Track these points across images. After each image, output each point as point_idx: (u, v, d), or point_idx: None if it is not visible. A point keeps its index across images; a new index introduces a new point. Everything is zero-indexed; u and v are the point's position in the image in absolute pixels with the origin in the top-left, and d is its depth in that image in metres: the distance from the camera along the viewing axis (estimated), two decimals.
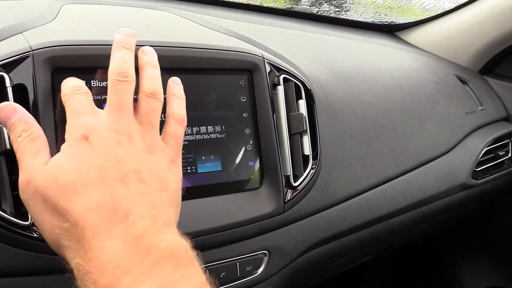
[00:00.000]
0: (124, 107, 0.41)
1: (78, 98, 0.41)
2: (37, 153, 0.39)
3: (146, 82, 0.44)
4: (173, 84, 0.48)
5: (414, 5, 1.25)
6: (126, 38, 0.45)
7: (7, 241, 0.44)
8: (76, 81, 0.43)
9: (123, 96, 0.41)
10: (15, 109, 0.40)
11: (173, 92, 0.47)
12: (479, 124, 1.01)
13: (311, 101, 0.66)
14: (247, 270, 0.59)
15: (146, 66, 0.45)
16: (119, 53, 0.43)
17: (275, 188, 0.60)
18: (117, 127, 0.40)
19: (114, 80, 0.41)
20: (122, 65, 0.42)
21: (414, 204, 0.82)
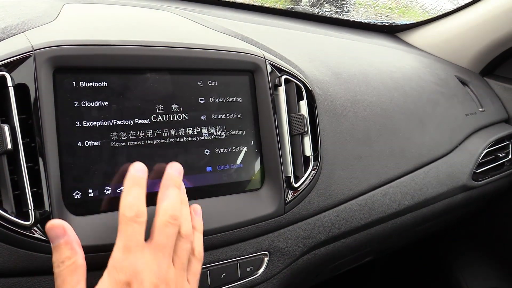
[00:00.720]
0: (168, 251, 0.44)
1: (134, 229, 0.42)
2: (76, 285, 0.41)
3: (183, 222, 0.47)
4: (194, 214, 0.51)
5: (415, 6, 1.25)
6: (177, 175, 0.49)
7: (8, 241, 0.44)
8: (139, 200, 0.44)
9: (169, 239, 0.44)
10: (65, 231, 0.42)
11: (194, 223, 0.50)
12: (480, 125, 1.01)
13: (312, 102, 0.66)
14: (248, 271, 0.59)
15: (184, 204, 0.48)
16: (172, 192, 0.47)
17: (276, 189, 0.60)
18: (159, 273, 0.43)
19: (166, 222, 0.44)
20: (174, 208, 0.45)
21: (415, 205, 0.82)
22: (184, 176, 0.54)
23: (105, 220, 0.48)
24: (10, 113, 0.44)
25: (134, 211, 0.43)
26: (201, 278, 0.55)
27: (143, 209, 0.43)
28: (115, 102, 0.50)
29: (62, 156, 0.47)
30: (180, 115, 0.54)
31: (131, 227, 0.42)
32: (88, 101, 0.48)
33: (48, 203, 0.45)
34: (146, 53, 0.52)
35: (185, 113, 0.55)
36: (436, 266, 1.30)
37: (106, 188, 0.49)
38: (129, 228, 0.42)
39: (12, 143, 0.43)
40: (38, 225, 0.44)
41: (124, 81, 0.51)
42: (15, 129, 0.44)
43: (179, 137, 0.54)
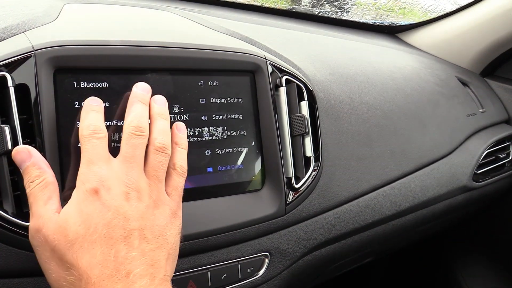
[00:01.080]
0: (136, 161, 0.43)
1: (94, 144, 0.42)
2: (48, 200, 0.41)
3: (157, 135, 0.46)
4: (177, 131, 0.49)
5: (415, 7, 1.25)
6: (143, 92, 0.47)
7: (8, 242, 0.44)
8: (95, 119, 0.43)
9: (137, 149, 0.43)
10: (30, 153, 0.42)
11: (175, 139, 0.49)
12: (480, 126, 1.01)
13: (313, 102, 0.66)
14: (249, 272, 0.59)
15: (157, 117, 0.47)
16: (136, 107, 0.46)
17: (277, 189, 0.60)
18: (128, 181, 0.42)
19: (130, 133, 0.43)
20: (138, 119, 0.44)
21: (415, 206, 0.82)
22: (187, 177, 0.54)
23: None
24: (11, 114, 0.44)
25: (91, 129, 0.42)
26: (201, 280, 0.55)
27: (101, 127, 0.43)
28: (115, 102, 0.50)
29: (62, 156, 0.46)
30: (181, 116, 0.54)
31: (90, 143, 0.42)
32: None
33: None
34: (147, 54, 0.52)
35: (186, 113, 0.54)
36: (436, 266, 1.30)
37: None
38: (89, 144, 0.42)
39: (13, 144, 0.43)
40: None
41: (125, 82, 0.51)
42: (16, 129, 0.44)
43: None
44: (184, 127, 0.50)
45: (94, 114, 0.44)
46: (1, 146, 0.43)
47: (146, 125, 0.45)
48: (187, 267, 0.54)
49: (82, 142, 0.42)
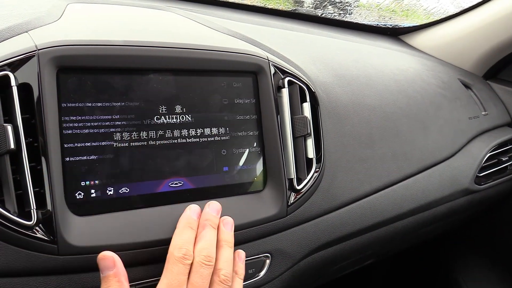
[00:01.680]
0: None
1: (180, 269, 0.45)
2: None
3: (222, 265, 0.48)
4: (238, 259, 0.52)
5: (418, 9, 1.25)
6: (214, 214, 0.50)
7: (10, 241, 0.44)
8: (189, 242, 0.46)
9: (204, 280, 0.46)
10: (115, 264, 0.44)
11: (236, 269, 0.52)
12: (483, 129, 1.00)
13: (316, 104, 0.66)
14: (249, 273, 0.59)
15: (224, 245, 0.50)
16: (208, 233, 0.48)
17: (278, 191, 0.59)
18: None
19: (201, 262, 0.46)
20: (209, 249, 0.47)
21: (417, 208, 0.82)
22: (186, 177, 0.54)
23: (107, 221, 0.48)
24: (13, 113, 0.44)
25: (182, 252, 0.45)
26: None
27: (190, 252, 0.46)
28: (118, 102, 0.50)
29: (64, 156, 0.46)
30: (183, 116, 0.54)
31: (177, 266, 0.45)
32: (91, 101, 0.48)
33: (50, 203, 0.45)
34: (149, 54, 0.52)
35: (188, 114, 0.54)
36: (437, 269, 1.30)
37: (109, 189, 0.49)
38: (175, 268, 0.45)
39: (15, 143, 0.43)
40: (40, 225, 0.44)
41: (127, 82, 0.51)
42: (18, 128, 0.44)
43: (182, 138, 0.54)
44: (244, 255, 0.53)
45: (189, 234, 0.47)
46: (4, 145, 0.43)
47: (214, 255, 0.48)
48: None
49: (170, 261, 0.45)
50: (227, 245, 0.50)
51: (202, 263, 0.46)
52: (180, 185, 0.53)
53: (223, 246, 0.50)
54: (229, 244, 0.50)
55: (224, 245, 0.50)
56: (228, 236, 0.51)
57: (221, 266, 0.48)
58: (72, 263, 0.46)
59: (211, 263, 0.47)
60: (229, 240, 0.51)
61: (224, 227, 0.51)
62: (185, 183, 0.54)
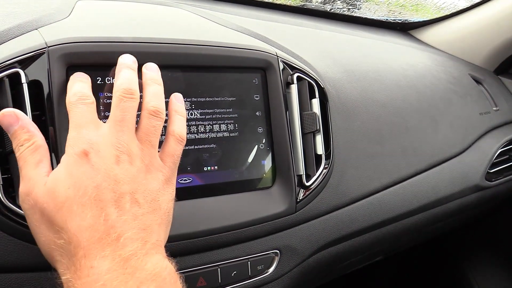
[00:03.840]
0: (126, 124, 0.41)
1: (82, 109, 0.41)
2: (38, 163, 0.40)
3: (150, 99, 0.44)
4: (175, 100, 0.48)
5: (428, 4, 1.24)
6: (130, 60, 0.46)
7: (21, 237, 0.44)
8: (82, 87, 0.43)
9: (127, 113, 0.42)
10: (18, 117, 0.41)
11: (175, 108, 0.47)
12: (494, 125, 0.99)
13: (325, 100, 0.66)
14: (258, 269, 0.59)
15: (150, 82, 0.46)
16: (125, 71, 0.44)
17: (287, 187, 0.59)
18: (118, 144, 0.40)
19: (120, 96, 0.42)
20: (128, 83, 0.43)
21: (427, 205, 0.81)
22: (195, 174, 0.54)
23: None
24: (24, 110, 0.44)
25: (78, 95, 0.42)
26: (212, 276, 0.55)
27: (88, 94, 0.42)
28: None
29: None
30: (192, 112, 0.54)
31: (78, 108, 0.41)
32: (100, 98, 0.49)
33: None
34: (158, 50, 0.52)
35: (197, 110, 0.54)
36: (447, 266, 1.29)
37: None
38: (77, 109, 0.41)
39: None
40: None
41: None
42: None
43: (191, 134, 0.54)
44: (181, 96, 0.49)
45: (80, 83, 0.43)
46: None
47: (136, 88, 0.43)
48: (198, 263, 0.54)
49: (70, 108, 0.41)
50: (154, 82, 0.46)
51: (121, 96, 0.42)
52: (189, 181, 0.54)
53: (149, 84, 0.45)
54: (157, 82, 0.46)
55: (150, 83, 0.45)
56: (154, 75, 0.46)
57: (148, 99, 0.44)
58: None
59: (133, 95, 0.42)
60: (154, 77, 0.46)
61: (147, 70, 0.47)
62: (194, 180, 0.54)
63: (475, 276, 1.22)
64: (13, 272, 0.45)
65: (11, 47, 0.48)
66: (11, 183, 0.44)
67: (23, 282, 0.46)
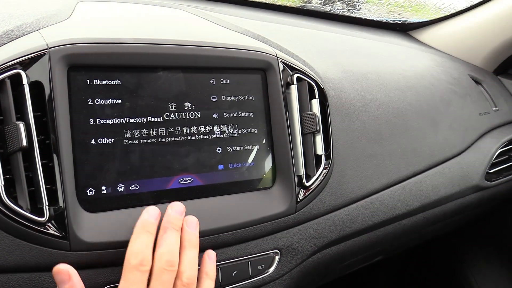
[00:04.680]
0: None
1: (136, 277, 0.43)
2: None
3: (185, 268, 0.46)
4: (208, 260, 0.51)
5: (427, 4, 1.24)
6: (177, 216, 0.48)
7: (23, 237, 0.45)
8: (146, 248, 0.44)
9: (165, 286, 0.44)
10: (70, 277, 0.43)
11: (206, 270, 0.50)
12: (493, 125, 0.99)
13: (324, 100, 0.66)
14: (259, 269, 0.59)
15: (188, 246, 0.47)
16: (169, 236, 0.46)
17: (287, 187, 0.60)
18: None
19: (162, 268, 0.44)
20: (171, 253, 0.45)
21: (426, 205, 0.81)
22: (196, 174, 0.54)
23: (118, 217, 0.49)
24: (25, 111, 0.45)
25: (139, 259, 0.43)
26: None
27: (148, 258, 0.44)
28: (128, 100, 0.50)
29: (76, 153, 0.47)
30: (192, 113, 0.54)
31: (133, 275, 0.43)
32: (101, 99, 0.49)
33: (62, 199, 0.45)
34: (159, 51, 0.52)
35: (198, 111, 0.55)
36: (447, 265, 1.29)
37: (119, 186, 0.49)
38: (131, 276, 0.43)
39: (27, 140, 0.44)
40: (52, 221, 0.45)
41: (137, 79, 0.51)
42: (30, 126, 0.44)
43: (191, 135, 0.54)
44: (215, 256, 0.51)
45: (147, 238, 0.45)
46: (16, 142, 0.43)
47: (177, 259, 0.45)
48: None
49: (126, 269, 0.43)
50: (190, 246, 0.47)
51: (163, 269, 0.44)
52: (190, 181, 0.54)
53: (186, 247, 0.47)
54: (193, 245, 0.48)
55: (187, 246, 0.47)
56: (191, 236, 0.48)
57: (183, 269, 0.46)
58: (83, 259, 0.46)
59: (173, 267, 0.44)
60: (192, 240, 0.48)
61: (187, 227, 0.48)
62: (194, 180, 0.54)
63: (475, 276, 1.23)
64: (15, 272, 0.45)
65: (12, 48, 0.48)
66: (13, 184, 0.44)
67: (25, 282, 0.46)
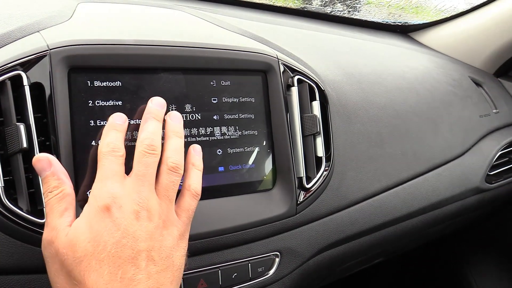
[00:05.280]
0: (148, 179, 0.43)
1: (111, 161, 0.42)
2: (63, 212, 0.41)
3: (170, 154, 0.45)
4: (194, 152, 0.49)
5: (428, 6, 1.24)
6: (158, 108, 0.47)
7: (23, 238, 0.45)
8: (115, 138, 0.44)
9: (148, 168, 0.43)
10: (50, 163, 0.42)
11: (193, 161, 0.49)
12: (494, 127, 0.99)
13: (325, 102, 0.66)
14: (259, 271, 0.59)
15: (171, 135, 0.47)
16: (150, 124, 0.45)
17: (288, 189, 0.60)
18: (140, 200, 0.41)
19: (142, 151, 0.43)
20: (151, 138, 0.44)
21: (427, 207, 0.81)
22: None
23: None
24: (26, 112, 0.44)
25: (110, 147, 0.43)
26: (212, 278, 0.55)
27: (120, 146, 0.43)
28: (129, 101, 0.50)
29: (76, 154, 0.47)
30: (193, 115, 0.54)
31: (107, 159, 0.42)
32: (102, 100, 0.49)
33: None
34: (160, 53, 0.52)
35: (198, 113, 0.55)
36: (447, 268, 1.29)
37: None
38: (105, 161, 0.42)
39: (28, 142, 0.44)
40: None
41: (138, 81, 0.51)
42: (31, 127, 0.44)
43: (192, 136, 0.54)
44: (200, 148, 0.50)
45: (115, 133, 0.44)
46: (17, 144, 0.43)
47: (158, 144, 0.44)
48: (198, 265, 0.55)
49: (100, 158, 0.43)
50: (175, 135, 0.46)
51: (144, 152, 0.43)
52: None
53: (170, 137, 0.46)
54: (178, 134, 0.47)
55: (172, 135, 0.46)
56: (175, 127, 0.47)
57: (168, 154, 0.45)
58: None
59: (155, 151, 0.43)
60: (176, 129, 0.47)
61: (170, 119, 0.47)
62: None
63: (475, 277, 1.22)
64: (14, 274, 0.45)
65: (12, 49, 0.48)
66: (13, 185, 0.44)
67: (24, 284, 0.46)
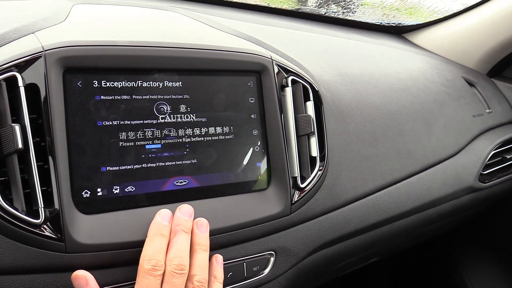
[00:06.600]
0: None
1: (150, 281, 0.44)
2: None
3: (196, 271, 0.47)
4: (216, 264, 0.51)
5: (422, 7, 1.25)
6: (186, 218, 0.48)
7: (19, 239, 0.45)
8: (159, 252, 0.45)
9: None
10: (87, 282, 0.44)
11: (214, 273, 0.51)
12: (487, 127, 1.00)
13: (319, 103, 0.66)
14: (254, 271, 0.59)
15: (199, 249, 0.48)
16: (180, 238, 0.47)
17: (282, 189, 0.60)
18: None
19: (172, 271, 0.45)
20: (180, 256, 0.46)
21: (421, 206, 0.82)
22: (191, 176, 0.54)
23: (113, 219, 0.49)
24: (21, 113, 0.45)
25: (152, 263, 0.44)
26: None
27: (161, 262, 0.45)
28: (123, 102, 0.50)
29: (71, 155, 0.47)
30: (187, 115, 0.55)
31: (146, 279, 0.44)
32: (97, 101, 0.49)
33: (57, 201, 0.45)
34: (154, 54, 0.53)
35: (193, 113, 0.55)
36: (441, 267, 1.30)
37: (115, 188, 0.50)
38: (144, 281, 0.44)
39: (23, 143, 0.44)
40: (48, 223, 0.45)
41: (132, 82, 0.51)
42: (26, 128, 0.44)
43: (187, 137, 0.54)
44: (222, 259, 0.52)
45: (160, 241, 0.46)
46: (12, 145, 0.43)
47: (187, 262, 0.46)
48: None
49: (139, 273, 0.44)
50: (201, 249, 0.48)
51: (173, 272, 0.45)
52: (185, 183, 0.54)
53: (197, 251, 0.48)
54: (203, 248, 0.49)
55: (198, 249, 0.48)
56: (202, 239, 0.49)
57: (195, 272, 0.47)
58: (78, 260, 0.46)
59: (183, 271, 0.45)
60: (203, 243, 0.49)
61: (198, 229, 0.49)
62: (190, 182, 0.54)
63: (469, 276, 1.23)
64: (10, 274, 0.45)
65: (8, 51, 0.48)
66: (8, 186, 0.44)
67: (20, 283, 0.46)
